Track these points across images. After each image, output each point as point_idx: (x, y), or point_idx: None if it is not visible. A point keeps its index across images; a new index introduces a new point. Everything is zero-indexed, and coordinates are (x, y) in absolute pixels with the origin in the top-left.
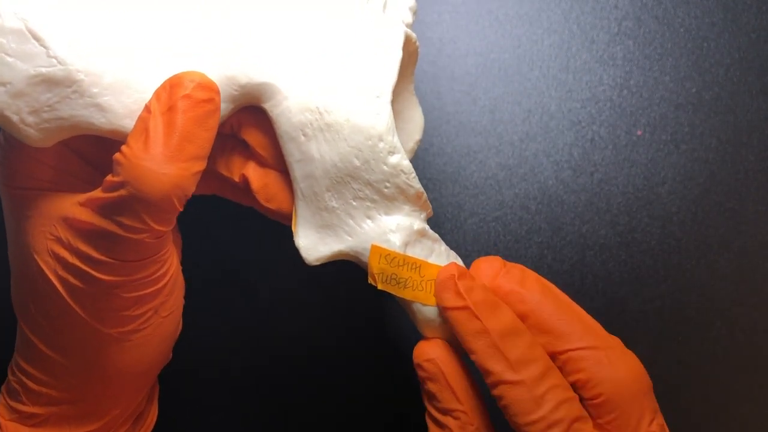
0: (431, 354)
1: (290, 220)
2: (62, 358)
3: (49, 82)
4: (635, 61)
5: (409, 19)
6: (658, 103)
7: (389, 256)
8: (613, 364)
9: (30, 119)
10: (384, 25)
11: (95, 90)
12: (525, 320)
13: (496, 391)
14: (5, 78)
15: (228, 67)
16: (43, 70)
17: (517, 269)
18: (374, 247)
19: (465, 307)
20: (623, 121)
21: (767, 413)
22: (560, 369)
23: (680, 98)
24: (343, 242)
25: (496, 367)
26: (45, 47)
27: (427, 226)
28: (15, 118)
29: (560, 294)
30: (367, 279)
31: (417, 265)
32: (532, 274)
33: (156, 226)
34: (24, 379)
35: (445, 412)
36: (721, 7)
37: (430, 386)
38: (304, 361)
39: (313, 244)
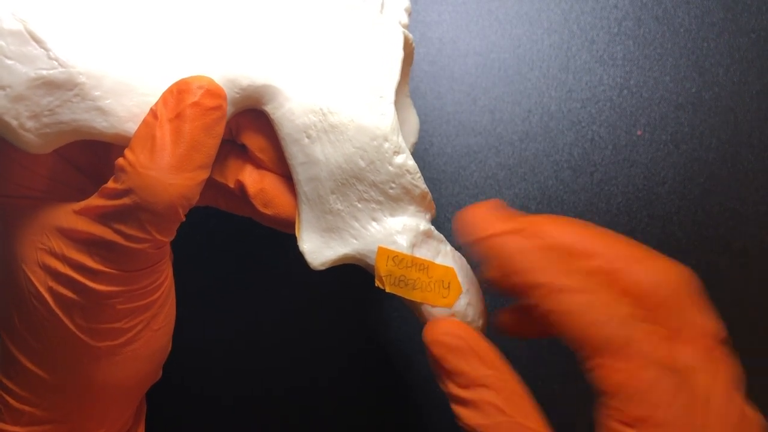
0: (447, 326)
1: (288, 226)
2: (47, 374)
3: (50, 85)
4: (635, 61)
5: (405, 19)
6: (658, 103)
7: (397, 258)
8: (648, 270)
9: (29, 124)
10: (383, 25)
11: (97, 93)
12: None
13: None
14: (4, 81)
15: (229, 69)
16: (44, 72)
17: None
18: (381, 249)
19: (520, 230)
20: (623, 121)
21: (767, 413)
22: None
23: (680, 98)
24: (348, 245)
25: (571, 281)
26: (45, 49)
27: (432, 227)
28: (14, 123)
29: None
30: (373, 282)
31: (425, 266)
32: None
33: (158, 236)
34: (6, 396)
35: (473, 384)
36: (721, 7)
37: (451, 360)
38: (301, 377)
39: (318, 248)
